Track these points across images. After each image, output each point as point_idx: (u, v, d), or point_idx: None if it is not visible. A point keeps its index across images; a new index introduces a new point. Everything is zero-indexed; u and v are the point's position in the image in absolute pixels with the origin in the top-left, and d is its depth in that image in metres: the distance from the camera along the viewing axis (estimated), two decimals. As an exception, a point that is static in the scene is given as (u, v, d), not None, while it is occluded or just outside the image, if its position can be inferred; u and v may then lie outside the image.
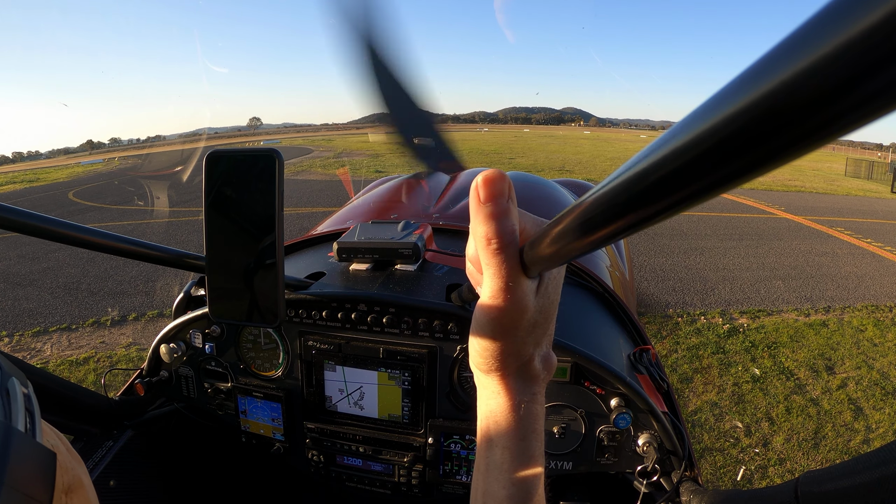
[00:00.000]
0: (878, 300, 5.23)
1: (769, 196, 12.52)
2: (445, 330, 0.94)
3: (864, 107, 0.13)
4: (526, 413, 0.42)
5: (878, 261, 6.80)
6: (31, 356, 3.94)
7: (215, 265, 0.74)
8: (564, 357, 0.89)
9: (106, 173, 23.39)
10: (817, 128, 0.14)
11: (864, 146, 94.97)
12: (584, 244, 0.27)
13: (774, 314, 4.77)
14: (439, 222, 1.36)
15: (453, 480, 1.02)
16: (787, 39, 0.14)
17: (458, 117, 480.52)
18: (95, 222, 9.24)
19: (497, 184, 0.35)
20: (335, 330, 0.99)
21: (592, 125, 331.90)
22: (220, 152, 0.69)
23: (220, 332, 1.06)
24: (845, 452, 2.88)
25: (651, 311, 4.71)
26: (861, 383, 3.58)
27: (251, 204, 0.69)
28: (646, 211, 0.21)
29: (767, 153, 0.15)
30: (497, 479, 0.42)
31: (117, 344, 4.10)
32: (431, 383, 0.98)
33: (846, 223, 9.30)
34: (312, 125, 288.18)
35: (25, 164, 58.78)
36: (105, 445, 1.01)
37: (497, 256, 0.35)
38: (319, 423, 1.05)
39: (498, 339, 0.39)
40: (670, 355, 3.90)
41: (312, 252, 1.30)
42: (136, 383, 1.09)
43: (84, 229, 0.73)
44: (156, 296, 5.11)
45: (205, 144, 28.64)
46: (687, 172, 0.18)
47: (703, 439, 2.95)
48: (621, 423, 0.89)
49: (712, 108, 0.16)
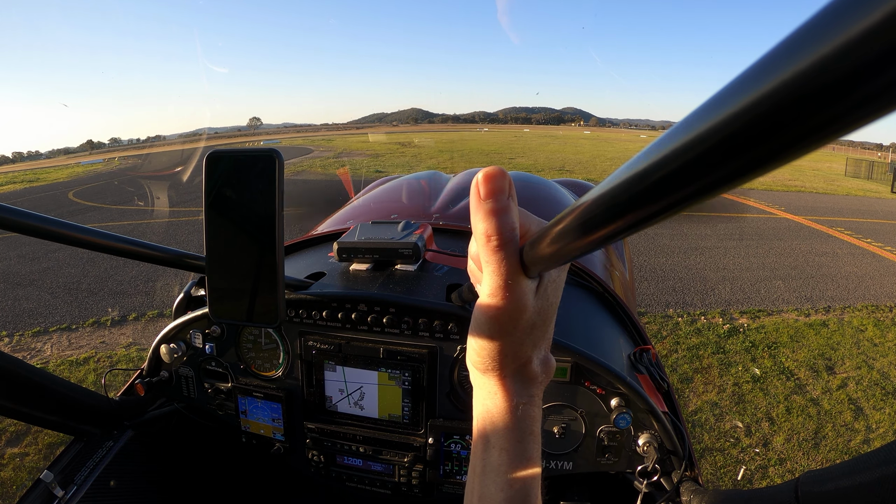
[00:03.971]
0: (879, 300, 5.22)
1: (769, 196, 12.52)
2: (445, 330, 0.94)
3: (864, 107, 0.13)
4: (523, 415, 0.42)
5: (878, 261, 6.80)
6: (31, 356, 3.94)
7: (215, 265, 0.74)
8: (564, 357, 0.89)
9: (106, 173, 23.39)
10: (817, 128, 0.14)
11: (864, 146, 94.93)
12: (584, 244, 0.27)
13: (774, 314, 4.77)
14: (439, 222, 1.36)
15: (453, 480, 1.02)
16: (787, 39, 0.14)
17: (458, 117, 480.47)
18: (95, 222, 9.24)
19: (497, 180, 0.35)
20: (335, 330, 0.99)
21: (592, 125, 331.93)
22: (220, 152, 0.69)
23: (220, 333, 1.06)
24: (845, 452, 2.87)
25: (650, 310, 4.71)
26: (861, 383, 3.58)
27: (251, 204, 0.69)
28: (646, 211, 0.21)
29: (767, 153, 0.15)
30: (494, 482, 0.42)
31: (117, 344, 4.10)
32: (432, 383, 0.98)
33: (846, 223, 9.30)
34: (312, 125, 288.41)
35: (25, 164, 58.79)
36: (105, 445, 1.01)
37: (497, 254, 0.35)
38: (319, 423, 1.05)
39: (496, 338, 0.39)
40: (670, 355, 3.90)
41: (312, 252, 1.30)
42: (136, 383, 1.09)
43: (84, 229, 0.73)
44: (156, 296, 5.11)
45: (205, 144, 28.63)
46: (687, 172, 0.18)
47: (703, 439, 2.95)
48: (621, 423, 0.89)
49: (712, 108, 0.16)
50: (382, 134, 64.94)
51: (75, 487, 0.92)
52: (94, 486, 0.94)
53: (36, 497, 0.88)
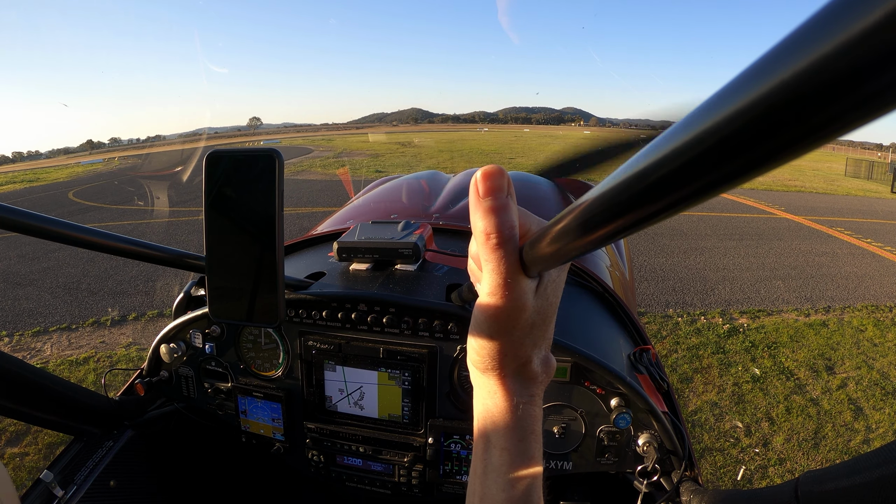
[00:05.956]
0: (878, 300, 5.22)
1: (769, 196, 12.52)
2: (445, 330, 0.94)
3: (864, 106, 0.13)
4: (524, 414, 0.42)
5: (878, 261, 6.80)
6: (31, 356, 3.94)
7: (215, 265, 0.74)
8: (564, 357, 0.89)
9: (106, 173, 23.40)
10: (817, 127, 0.14)
11: (864, 146, 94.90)
12: (584, 243, 0.27)
13: (774, 314, 4.77)
14: (439, 222, 1.36)
15: (453, 480, 1.02)
16: (786, 39, 0.14)
17: (458, 117, 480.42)
18: (95, 222, 9.24)
19: (496, 178, 0.35)
20: (335, 330, 0.99)
21: (592, 125, 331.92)
22: (220, 152, 0.69)
23: (220, 332, 1.06)
24: (845, 452, 2.87)
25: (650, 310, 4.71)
26: (861, 383, 3.58)
27: (251, 204, 0.69)
28: (646, 210, 0.21)
29: (767, 152, 0.15)
30: (495, 482, 0.41)
31: (117, 344, 4.10)
32: (431, 383, 0.98)
33: (846, 223, 9.30)
34: (312, 125, 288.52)
35: (25, 164, 58.79)
36: (105, 445, 1.01)
37: (496, 252, 0.35)
38: (319, 423, 1.05)
39: (495, 337, 0.39)
40: (670, 355, 3.90)
41: (312, 252, 1.30)
42: (136, 383, 1.09)
43: (84, 229, 0.73)
44: (156, 296, 5.11)
45: (205, 144, 28.62)
46: (687, 172, 0.18)
47: (703, 439, 2.95)
48: (621, 422, 0.89)
49: (712, 107, 0.16)
50: (382, 134, 64.92)
51: (75, 487, 0.92)
52: (94, 486, 0.94)
53: (36, 497, 0.88)
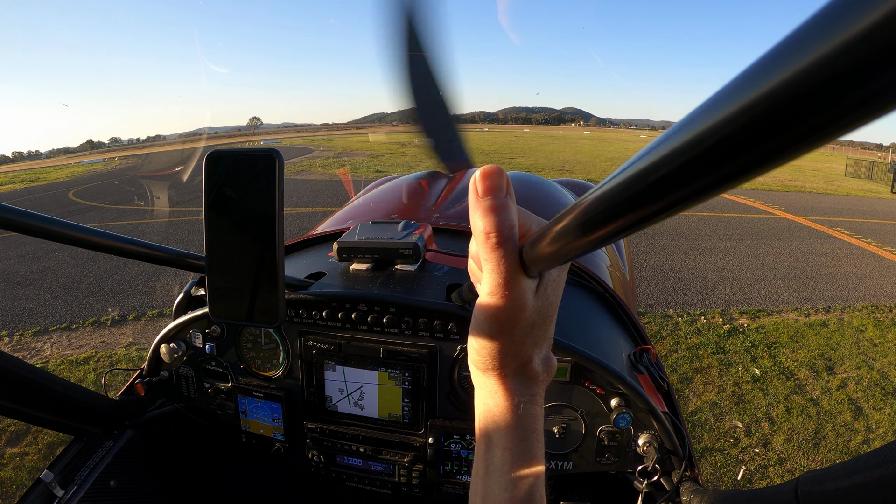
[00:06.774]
0: (878, 300, 5.23)
1: (769, 196, 12.52)
2: (445, 330, 0.94)
3: (864, 106, 0.13)
4: (525, 413, 0.42)
5: (878, 261, 6.80)
6: (31, 356, 3.94)
7: (215, 265, 0.74)
8: (564, 357, 0.89)
9: (106, 173, 23.40)
10: (817, 127, 0.14)
11: (864, 146, 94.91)
12: (584, 243, 0.27)
13: (774, 314, 4.77)
14: (439, 222, 1.36)
15: (453, 480, 1.02)
16: (786, 39, 0.14)
17: (458, 117, 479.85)
18: (95, 222, 9.24)
19: (495, 178, 0.35)
20: (335, 330, 0.99)
21: (592, 125, 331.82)
22: (221, 152, 0.69)
23: (220, 332, 1.06)
24: (845, 452, 2.88)
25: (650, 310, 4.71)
26: (861, 383, 3.58)
27: (251, 204, 0.69)
28: (646, 210, 0.21)
29: (768, 153, 0.15)
30: (498, 482, 0.41)
31: (117, 344, 4.10)
32: (432, 383, 0.98)
33: (846, 223, 9.30)
34: (312, 125, 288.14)
35: (25, 164, 58.82)
36: (105, 445, 1.01)
37: (496, 251, 0.35)
38: (319, 423, 1.05)
39: (496, 337, 0.39)
40: (670, 355, 3.90)
41: (312, 252, 1.30)
42: (136, 383, 1.09)
43: (84, 229, 0.73)
44: (156, 296, 5.11)
45: (205, 144, 28.63)
46: (687, 172, 0.18)
47: (703, 439, 2.95)
48: (621, 423, 0.89)
49: (712, 107, 0.16)
50: (382, 134, 64.86)
51: (75, 487, 0.92)
52: (94, 486, 0.94)
53: (36, 497, 0.88)
